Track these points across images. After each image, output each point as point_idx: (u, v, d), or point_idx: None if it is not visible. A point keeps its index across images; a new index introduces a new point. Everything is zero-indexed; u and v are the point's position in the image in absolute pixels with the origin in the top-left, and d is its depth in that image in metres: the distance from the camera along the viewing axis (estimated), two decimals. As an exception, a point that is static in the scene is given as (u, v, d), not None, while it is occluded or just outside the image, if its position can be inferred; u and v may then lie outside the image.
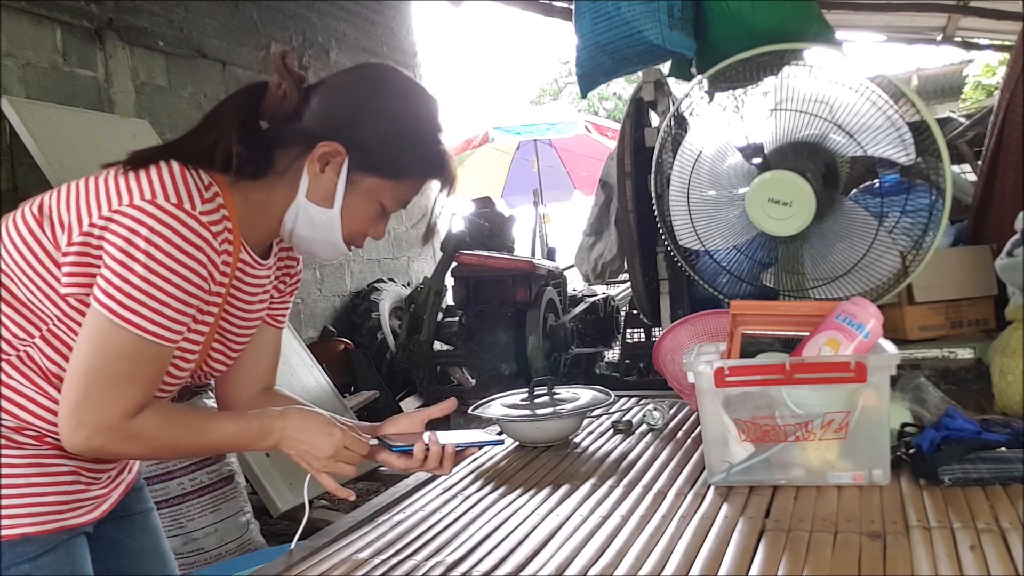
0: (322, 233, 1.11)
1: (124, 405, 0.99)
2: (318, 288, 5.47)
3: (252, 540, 2.98)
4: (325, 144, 1.05)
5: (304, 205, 1.09)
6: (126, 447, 1.02)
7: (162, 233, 0.96)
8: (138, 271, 0.95)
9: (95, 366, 0.97)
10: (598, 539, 1.09)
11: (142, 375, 1.00)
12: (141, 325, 0.97)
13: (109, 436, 0.99)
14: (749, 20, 2.17)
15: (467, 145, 7.94)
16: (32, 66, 3.54)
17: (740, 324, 1.41)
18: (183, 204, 0.98)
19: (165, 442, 1.05)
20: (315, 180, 1.07)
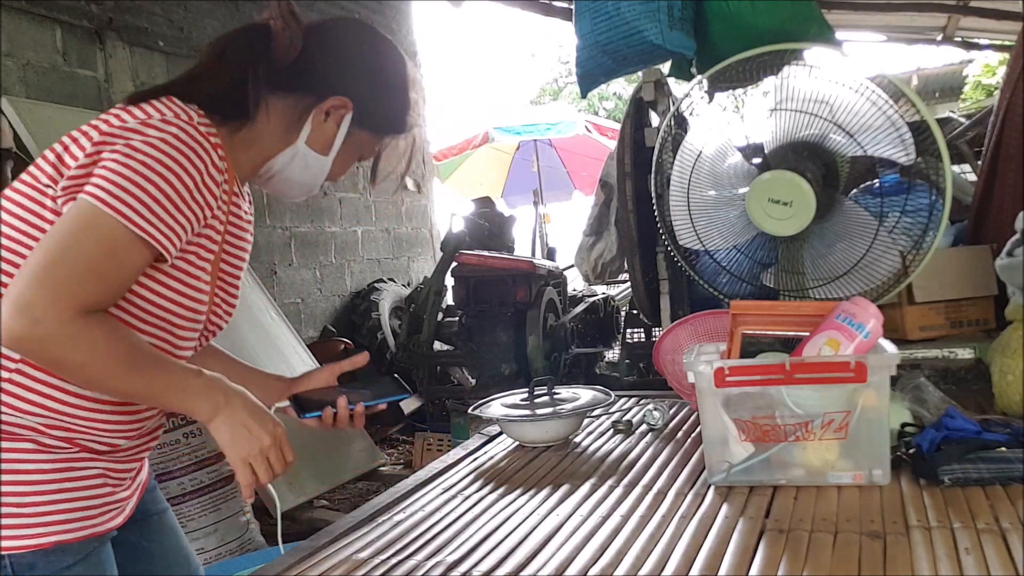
0: (310, 177, 1.16)
1: (81, 294, 0.91)
2: (318, 288, 5.47)
3: (252, 540, 2.98)
4: (337, 98, 1.11)
5: (303, 151, 1.13)
6: (67, 348, 0.91)
7: (162, 137, 0.95)
8: (132, 166, 0.93)
9: (61, 245, 0.91)
10: (598, 539, 1.09)
11: (112, 273, 0.94)
12: (126, 214, 0.92)
13: (56, 327, 0.89)
14: (749, 20, 2.17)
15: (467, 145, 7.94)
16: (32, 66, 3.54)
17: (740, 324, 1.41)
18: (180, 116, 1.00)
19: (107, 360, 0.94)
20: (318, 128, 1.12)
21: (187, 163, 0.96)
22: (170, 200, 0.95)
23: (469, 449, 1.69)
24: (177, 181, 0.95)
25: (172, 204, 0.95)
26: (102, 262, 0.92)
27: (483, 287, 4.27)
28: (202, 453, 2.87)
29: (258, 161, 1.13)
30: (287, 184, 1.17)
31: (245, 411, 1.04)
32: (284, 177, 1.16)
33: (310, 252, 5.41)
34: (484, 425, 1.83)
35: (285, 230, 5.15)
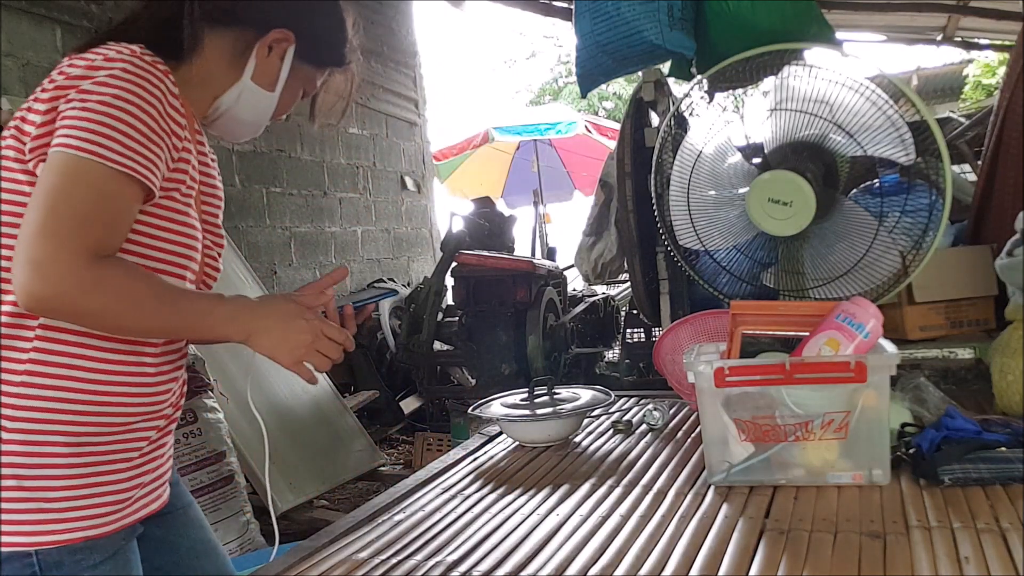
0: (258, 115, 1.15)
1: (87, 240, 0.89)
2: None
3: (252, 540, 2.98)
4: (280, 31, 1.10)
5: (250, 87, 1.11)
6: (87, 296, 0.90)
7: (112, 73, 0.94)
8: (91, 107, 0.92)
9: (54, 199, 0.89)
10: (598, 539, 1.09)
11: (106, 211, 0.92)
12: (102, 154, 0.91)
13: (70, 279, 0.88)
14: (749, 20, 2.17)
15: (467, 145, 7.94)
16: (32, 66, 3.53)
17: (740, 324, 1.41)
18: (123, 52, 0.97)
19: (132, 298, 0.93)
20: (262, 63, 1.11)
21: (143, 92, 0.95)
22: (138, 131, 0.94)
23: (469, 449, 1.69)
24: (139, 111, 0.94)
25: (142, 135, 0.94)
26: (95, 206, 0.91)
27: (483, 287, 4.27)
28: (202, 453, 2.87)
29: (207, 100, 1.12)
30: (235, 123, 1.16)
31: (276, 319, 1.03)
32: (232, 116, 1.14)
33: (310, 252, 5.41)
34: (484, 425, 1.83)
35: (285, 230, 5.15)
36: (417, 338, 4.51)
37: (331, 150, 5.68)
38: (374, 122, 6.24)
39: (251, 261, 4.55)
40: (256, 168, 4.90)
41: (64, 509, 0.97)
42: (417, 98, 7.04)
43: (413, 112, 6.95)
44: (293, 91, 1.17)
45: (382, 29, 6.50)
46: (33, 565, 0.96)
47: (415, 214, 6.86)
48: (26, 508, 0.96)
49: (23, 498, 0.96)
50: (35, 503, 0.96)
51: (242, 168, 4.76)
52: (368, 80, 6.16)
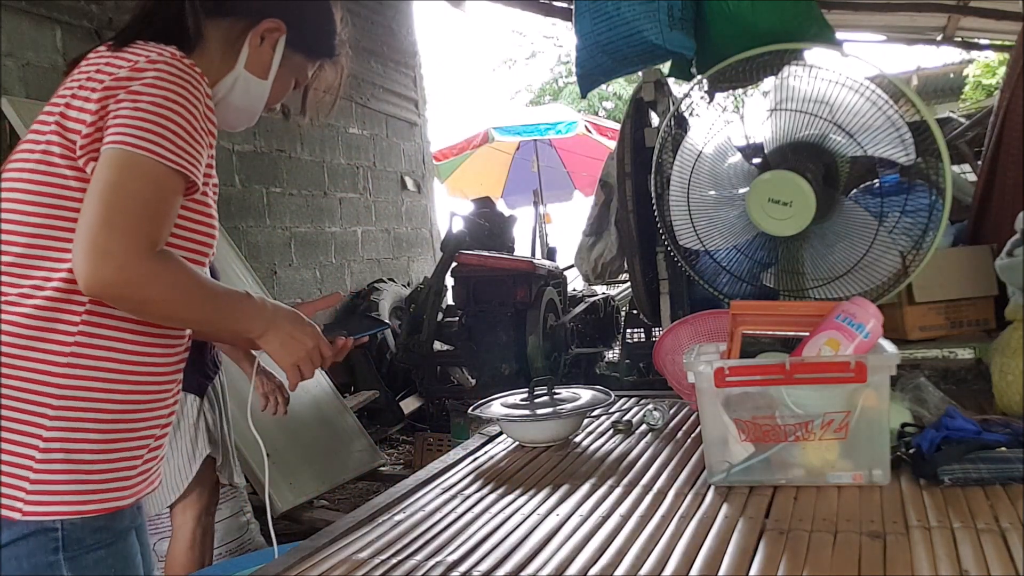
0: (251, 102, 1.19)
1: (150, 233, 0.96)
2: (318, 288, 5.47)
3: (252, 540, 2.98)
4: (271, 20, 1.14)
5: (243, 75, 1.16)
6: (153, 286, 0.96)
7: (160, 75, 1.00)
8: (144, 107, 0.97)
9: (117, 192, 0.95)
10: (598, 539, 1.09)
11: (164, 209, 0.98)
12: (157, 152, 0.97)
13: (140, 268, 0.94)
14: (749, 20, 2.17)
15: (467, 145, 7.94)
16: (32, 66, 3.53)
17: (740, 324, 1.41)
18: (163, 54, 1.03)
19: (185, 290, 0.99)
20: (255, 52, 1.15)
21: (187, 94, 1.01)
22: (185, 130, 1.00)
23: (469, 449, 1.69)
24: (185, 111, 1.00)
25: (188, 133, 1.00)
26: (153, 200, 0.97)
27: (483, 287, 4.27)
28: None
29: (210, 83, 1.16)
30: (229, 110, 1.19)
31: (288, 322, 1.12)
32: (227, 103, 1.18)
33: (310, 252, 5.41)
34: (484, 425, 1.83)
35: (285, 230, 5.15)
36: (417, 338, 4.51)
37: (331, 150, 5.68)
38: (374, 122, 6.24)
39: (251, 261, 4.55)
40: (256, 168, 4.90)
41: (97, 481, 1.02)
42: (417, 98, 7.04)
43: (413, 112, 6.95)
44: (285, 80, 1.21)
45: (382, 29, 6.50)
46: (57, 540, 0.99)
47: (415, 214, 6.86)
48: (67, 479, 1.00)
49: (66, 469, 1.00)
50: (75, 474, 1.00)
51: (242, 168, 4.76)
52: (368, 80, 6.17)
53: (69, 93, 1.04)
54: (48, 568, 0.99)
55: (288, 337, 1.11)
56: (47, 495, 0.99)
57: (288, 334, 1.11)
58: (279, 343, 1.11)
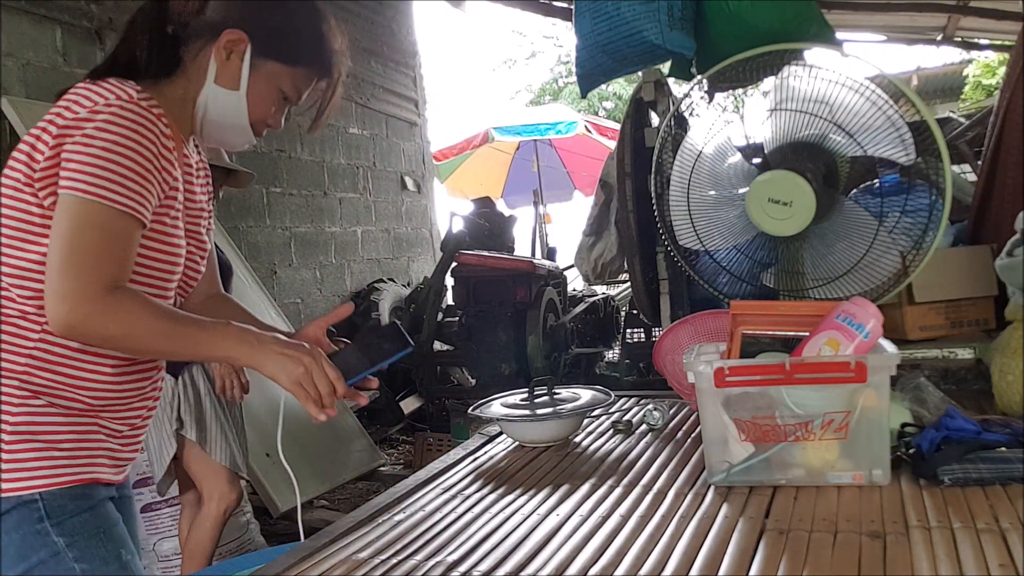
0: (231, 117, 1.20)
1: (102, 275, 1.02)
2: (318, 288, 5.47)
3: (252, 540, 2.98)
4: (230, 32, 1.16)
5: (213, 89, 1.18)
6: (109, 323, 1.03)
7: (110, 119, 1.05)
8: (94, 152, 1.03)
9: (71, 241, 1.02)
10: (598, 539, 1.09)
11: (115, 249, 1.05)
12: (107, 196, 1.03)
13: (92, 307, 1.01)
14: (749, 20, 2.17)
15: (467, 145, 7.94)
16: (32, 66, 3.54)
17: (740, 324, 1.41)
18: (120, 96, 1.08)
19: (145, 321, 1.05)
20: (222, 67, 1.18)
21: (139, 136, 1.06)
22: (135, 172, 1.05)
23: (469, 449, 1.69)
24: (135, 154, 1.05)
25: (138, 175, 1.05)
26: (103, 241, 1.03)
27: (483, 287, 4.28)
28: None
29: (191, 113, 1.21)
30: (214, 128, 1.22)
31: (278, 343, 1.12)
32: (209, 120, 1.21)
33: (310, 252, 5.41)
34: (484, 425, 1.83)
35: (285, 230, 5.15)
36: (417, 338, 4.51)
37: (331, 150, 5.68)
38: (374, 122, 6.24)
39: (251, 261, 4.55)
40: (256, 168, 4.86)
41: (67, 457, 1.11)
42: (417, 98, 7.04)
43: (413, 112, 6.95)
44: (262, 89, 1.20)
45: (382, 29, 6.50)
46: (39, 510, 1.08)
47: (415, 214, 6.86)
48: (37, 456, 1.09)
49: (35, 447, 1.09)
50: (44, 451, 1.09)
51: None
52: (368, 80, 6.17)
53: (46, 122, 1.09)
54: (37, 536, 1.07)
55: (279, 356, 1.11)
56: (21, 471, 1.07)
57: (278, 353, 1.11)
58: (272, 364, 1.11)
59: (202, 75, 1.18)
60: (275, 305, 4.33)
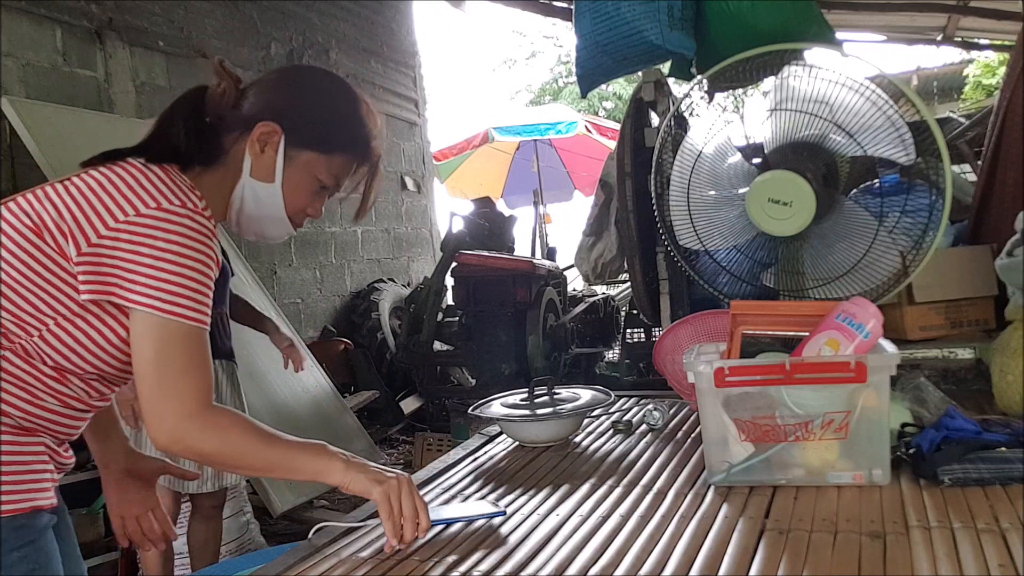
0: (267, 209, 1.19)
1: (196, 389, 1.05)
2: (318, 288, 5.47)
3: (252, 540, 2.98)
4: (263, 124, 1.15)
5: (249, 183, 1.18)
6: (205, 438, 1.06)
7: (180, 232, 1.04)
8: (169, 268, 1.03)
9: (161, 361, 1.04)
10: (598, 539, 1.09)
11: (199, 361, 1.07)
12: (186, 315, 1.04)
13: (191, 423, 1.04)
14: (749, 20, 2.17)
15: (467, 145, 7.94)
16: (32, 66, 3.54)
17: (740, 324, 1.41)
18: (187, 204, 1.06)
19: (241, 440, 1.08)
20: (257, 159, 1.17)
21: (206, 251, 1.06)
22: (203, 285, 1.06)
23: (469, 449, 1.69)
24: (203, 268, 1.06)
25: (205, 287, 1.07)
26: (189, 357, 1.06)
27: (483, 287, 4.27)
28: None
29: (225, 205, 1.20)
30: (252, 221, 1.22)
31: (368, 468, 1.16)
32: (245, 214, 1.20)
33: (310, 252, 5.41)
34: (484, 425, 1.83)
35: (285, 230, 5.14)
36: (417, 338, 4.51)
37: (331, 150, 5.67)
38: (374, 122, 6.23)
39: (251, 261, 4.55)
40: (256, 168, 4.89)
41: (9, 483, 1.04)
42: (417, 98, 7.04)
43: (413, 112, 6.95)
44: (301, 180, 1.19)
45: (382, 29, 6.50)
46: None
47: (415, 214, 6.86)
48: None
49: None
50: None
51: (242, 168, 4.75)
52: (368, 80, 6.16)
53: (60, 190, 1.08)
54: None
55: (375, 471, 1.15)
56: None
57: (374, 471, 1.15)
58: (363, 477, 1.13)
59: (238, 167, 1.17)
60: (275, 305, 4.33)
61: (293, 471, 1.14)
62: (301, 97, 1.20)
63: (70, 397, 1.10)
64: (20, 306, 1.04)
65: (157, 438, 1.05)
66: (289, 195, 1.18)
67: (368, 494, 1.12)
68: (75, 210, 1.05)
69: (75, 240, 1.04)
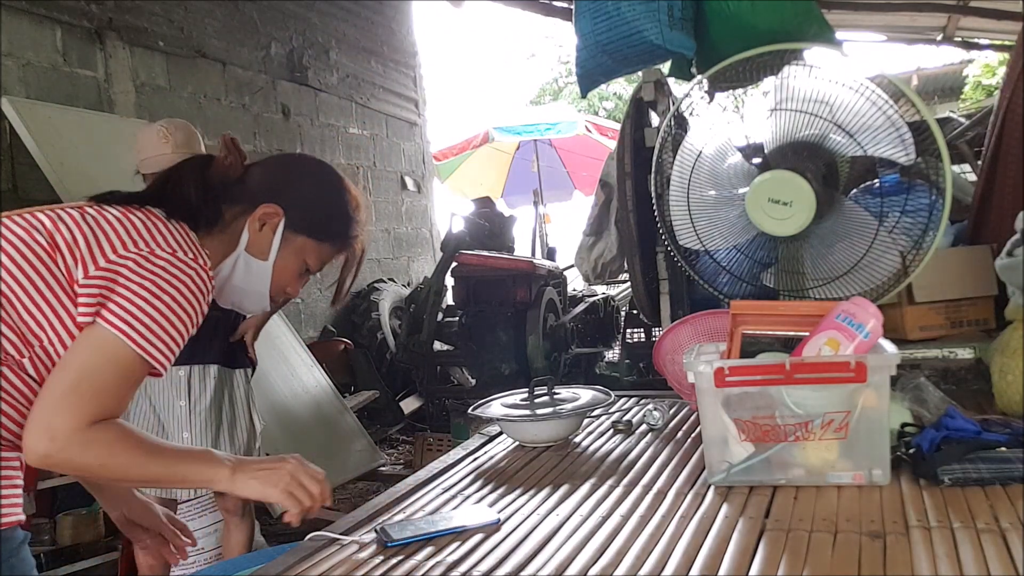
0: (254, 284, 1.25)
1: (98, 413, 1.03)
2: (318, 288, 5.47)
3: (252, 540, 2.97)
4: (268, 205, 1.21)
5: (244, 256, 1.23)
6: (84, 454, 1.03)
7: (185, 283, 1.09)
8: (161, 308, 1.06)
9: (87, 375, 1.03)
10: (598, 539, 1.09)
11: (124, 391, 1.07)
12: (146, 348, 1.05)
13: (73, 440, 1.01)
14: (749, 20, 2.17)
15: (467, 145, 7.94)
16: (32, 66, 3.54)
17: (740, 324, 1.41)
18: (197, 260, 1.12)
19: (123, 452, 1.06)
20: (255, 236, 1.22)
21: (200, 304, 1.10)
22: (181, 333, 1.09)
23: (469, 449, 1.69)
24: (190, 318, 1.09)
25: (181, 335, 1.09)
26: (117, 384, 1.05)
27: (483, 287, 4.27)
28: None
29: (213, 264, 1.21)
30: (235, 292, 1.26)
31: (254, 462, 1.16)
32: (232, 284, 1.25)
33: (310, 252, 5.40)
34: (484, 425, 1.83)
35: (285, 230, 5.14)
36: (417, 338, 4.51)
37: (331, 150, 5.68)
38: (374, 122, 6.24)
39: (251, 261, 4.54)
40: (256, 168, 4.89)
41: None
42: (417, 98, 7.04)
43: (413, 112, 6.95)
44: (291, 262, 1.25)
45: (382, 29, 6.50)
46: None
47: (415, 214, 6.86)
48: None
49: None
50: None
51: (242, 168, 4.75)
52: (368, 80, 6.17)
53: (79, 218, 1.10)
54: None
55: (257, 471, 1.13)
56: None
57: (256, 469, 1.14)
58: (256, 480, 1.13)
59: (235, 239, 1.22)
60: (275, 305, 4.32)
61: (178, 481, 1.15)
62: (304, 186, 1.26)
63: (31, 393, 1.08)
64: (22, 316, 1.05)
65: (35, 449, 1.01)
66: (277, 273, 1.25)
67: (266, 498, 1.14)
68: (90, 237, 1.08)
69: (84, 264, 1.06)
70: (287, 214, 1.22)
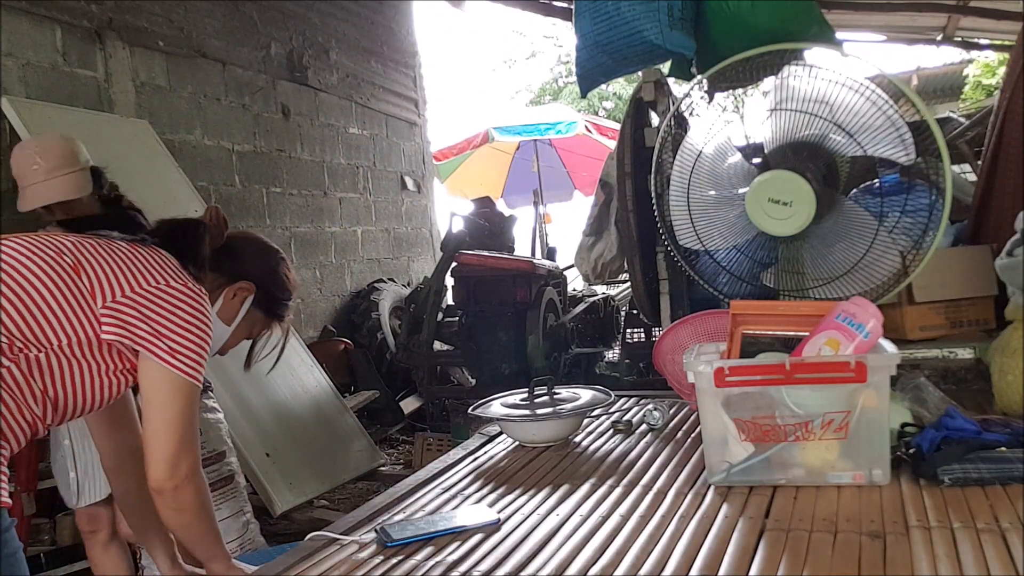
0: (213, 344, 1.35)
1: (198, 450, 1.24)
2: (318, 288, 5.47)
3: (252, 540, 2.97)
4: (246, 282, 1.40)
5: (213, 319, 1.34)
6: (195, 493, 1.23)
7: (203, 311, 1.26)
8: (195, 337, 1.23)
9: (183, 420, 1.22)
10: (598, 539, 1.09)
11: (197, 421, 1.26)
12: (198, 378, 1.23)
13: (194, 477, 1.22)
14: (749, 20, 2.17)
15: (467, 145, 7.93)
16: (32, 66, 3.53)
17: (740, 324, 1.41)
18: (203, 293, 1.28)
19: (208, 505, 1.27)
20: (227, 303, 1.40)
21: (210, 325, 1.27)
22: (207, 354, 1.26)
23: (469, 449, 1.69)
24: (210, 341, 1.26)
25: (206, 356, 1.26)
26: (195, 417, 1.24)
27: (483, 287, 4.27)
28: (202, 453, 2.86)
29: None
30: None
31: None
32: None
33: (310, 252, 5.41)
34: (484, 425, 1.83)
35: (285, 230, 5.15)
36: (417, 338, 4.50)
37: (331, 150, 5.68)
38: (374, 122, 6.24)
39: (251, 261, 4.54)
40: (256, 168, 4.90)
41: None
42: (417, 98, 7.04)
43: (413, 112, 6.95)
44: (244, 330, 1.44)
45: (382, 29, 6.50)
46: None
47: (415, 214, 6.86)
48: None
49: None
50: None
51: (242, 168, 4.75)
52: (368, 80, 6.16)
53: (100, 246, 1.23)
54: None
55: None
56: None
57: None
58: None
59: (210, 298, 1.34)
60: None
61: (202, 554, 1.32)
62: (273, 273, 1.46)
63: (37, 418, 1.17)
64: (48, 318, 1.14)
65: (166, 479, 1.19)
66: (232, 338, 1.42)
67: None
68: (114, 266, 1.21)
69: (111, 288, 1.19)
70: (256, 292, 1.41)
